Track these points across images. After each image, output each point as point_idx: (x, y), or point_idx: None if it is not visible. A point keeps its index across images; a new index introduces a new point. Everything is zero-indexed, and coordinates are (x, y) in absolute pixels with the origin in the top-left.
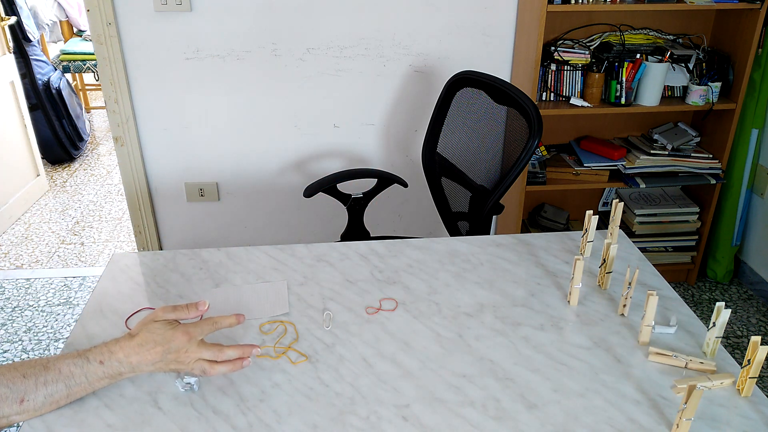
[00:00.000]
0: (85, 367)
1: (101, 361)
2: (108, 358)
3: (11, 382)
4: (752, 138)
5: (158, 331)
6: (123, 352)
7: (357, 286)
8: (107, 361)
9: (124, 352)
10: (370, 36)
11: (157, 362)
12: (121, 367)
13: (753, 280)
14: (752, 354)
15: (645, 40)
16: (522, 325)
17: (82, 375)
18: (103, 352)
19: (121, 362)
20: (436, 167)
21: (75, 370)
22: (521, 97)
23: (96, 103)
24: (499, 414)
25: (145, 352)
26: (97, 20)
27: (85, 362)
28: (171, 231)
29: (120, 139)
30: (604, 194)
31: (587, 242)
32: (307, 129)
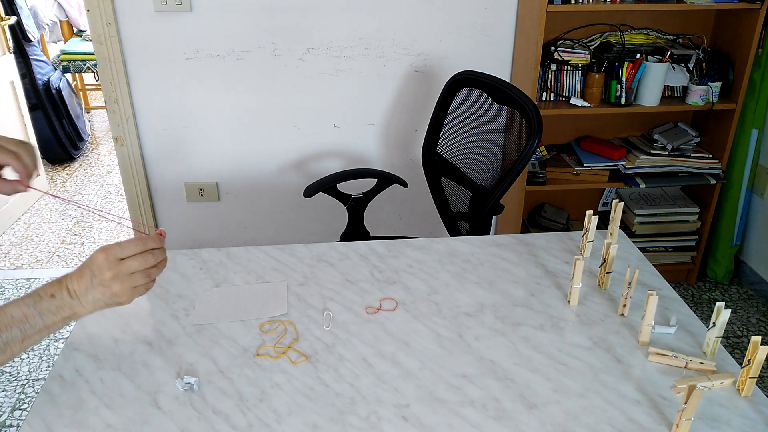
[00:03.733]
0: (38, 305)
1: (52, 294)
2: (57, 289)
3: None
4: (752, 138)
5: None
6: (69, 280)
7: (357, 286)
8: (57, 293)
9: (69, 279)
10: (370, 36)
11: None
12: (71, 299)
13: (753, 280)
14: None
15: (645, 40)
16: (522, 325)
17: (36, 315)
18: (54, 285)
19: (70, 292)
20: (436, 167)
21: (28, 311)
22: (521, 97)
23: (96, 103)
24: (499, 414)
25: (81, 279)
26: (97, 20)
27: (37, 300)
28: (171, 231)
29: (120, 139)
30: (604, 194)
31: (587, 242)
32: (307, 129)
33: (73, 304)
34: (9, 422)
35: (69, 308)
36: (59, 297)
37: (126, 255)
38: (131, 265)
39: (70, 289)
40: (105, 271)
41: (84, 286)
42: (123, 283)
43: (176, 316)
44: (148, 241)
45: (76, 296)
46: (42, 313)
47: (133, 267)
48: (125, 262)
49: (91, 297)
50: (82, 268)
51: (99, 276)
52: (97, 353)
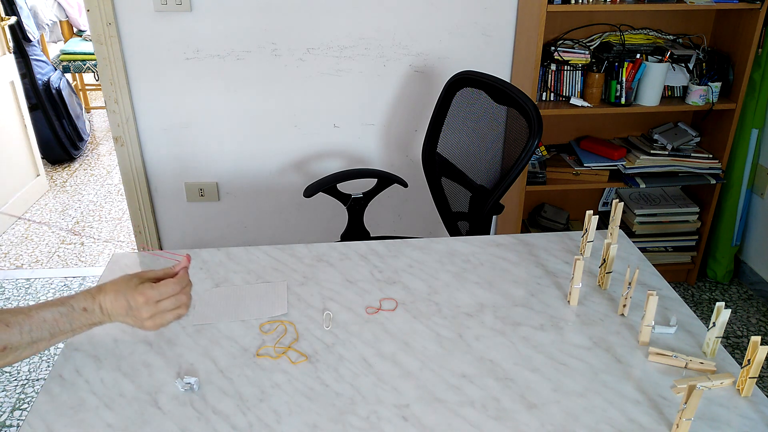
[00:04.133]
0: (70, 315)
1: (85, 308)
2: (91, 305)
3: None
4: (752, 138)
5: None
6: (104, 299)
7: (357, 286)
8: (91, 308)
9: (104, 299)
10: (370, 36)
11: (124, 316)
12: (102, 315)
13: (753, 280)
14: (752, 354)
15: (645, 40)
16: (522, 325)
17: (67, 323)
18: (87, 299)
19: (103, 309)
20: (436, 167)
21: (60, 318)
22: (521, 97)
23: (96, 103)
24: (499, 414)
25: (117, 303)
26: (97, 20)
27: (70, 310)
28: (171, 231)
29: (120, 139)
30: (604, 194)
31: (587, 242)
32: (307, 129)
33: (102, 319)
34: (9, 422)
35: (98, 320)
36: (91, 311)
37: (163, 297)
38: (166, 305)
39: (104, 307)
40: (143, 311)
41: (118, 311)
42: (154, 320)
43: None
44: (183, 280)
45: (108, 314)
46: (72, 321)
47: (168, 307)
48: (161, 303)
49: (121, 319)
50: (119, 293)
51: (136, 312)
52: (97, 353)
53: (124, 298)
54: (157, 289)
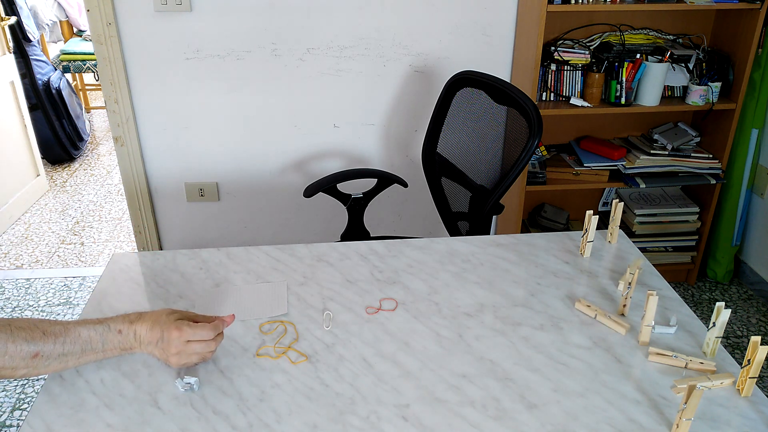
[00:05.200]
0: (105, 335)
1: (120, 330)
2: (127, 328)
3: (30, 336)
4: (752, 138)
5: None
6: (140, 326)
7: (357, 286)
8: (125, 331)
9: (140, 326)
10: (370, 36)
11: (154, 345)
12: (134, 341)
13: (753, 280)
14: (752, 354)
15: (645, 40)
16: (522, 325)
17: (100, 342)
18: (124, 322)
19: (136, 335)
20: (436, 167)
21: (95, 336)
22: (521, 97)
23: (96, 103)
24: (499, 414)
25: (151, 333)
26: (97, 20)
27: (106, 330)
28: (171, 231)
29: (120, 139)
30: (604, 194)
31: (587, 242)
32: (307, 129)
33: (133, 345)
34: (9, 422)
35: (128, 346)
36: (125, 335)
37: (196, 338)
38: (195, 348)
39: (138, 333)
40: (173, 347)
41: (149, 340)
42: (180, 357)
43: None
44: (218, 329)
45: (140, 341)
46: (105, 342)
47: (197, 350)
48: (191, 344)
49: (150, 349)
50: (155, 323)
51: (166, 346)
52: None
53: (159, 329)
54: (193, 329)
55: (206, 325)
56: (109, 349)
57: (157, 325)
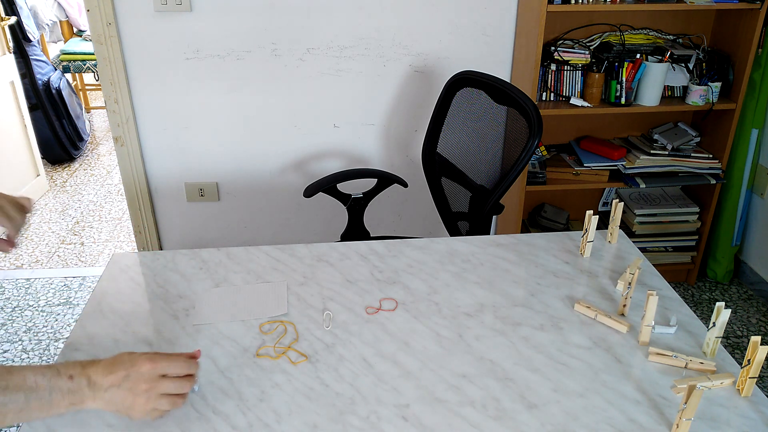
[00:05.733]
0: (53, 380)
1: (71, 376)
2: (79, 373)
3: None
4: (752, 138)
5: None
6: (94, 369)
7: (357, 286)
8: (77, 377)
9: (94, 369)
10: (370, 36)
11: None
12: (88, 390)
13: (753, 280)
14: (752, 354)
15: (645, 40)
16: (522, 325)
17: (47, 389)
18: (76, 367)
19: (90, 382)
20: (436, 167)
21: (41, 381)
22: (521, 97)
23: (96, 103)
24: (499, 414)
25: (110, 374)
26: (97, 20)
27: (55, 374)
28: (171, 231)
29: (120, 139)
30: (604, 194)
31: (587, 242)
32: (307, 129)
33: (86, 395)
34: None
35: (80, 396)
36: (77, 381)
37: (170, 373)
38: (168, 386)
39: (92, 379)
40: (142, 383)
41: (109, 382)
42: (148, 401)
43: (176, 316)
44: (192, 366)
45: (94, 388)
46: (52, 389)
47: (169, 390)
48: (163, 381)
49: (108, 396)
50: (115, 364)
51: (134, 382)
52: (97, 353)
53: (122, 367)
54: (168, 361)
55: (181, 356)
56: (55, 402)
57: (119, 365)
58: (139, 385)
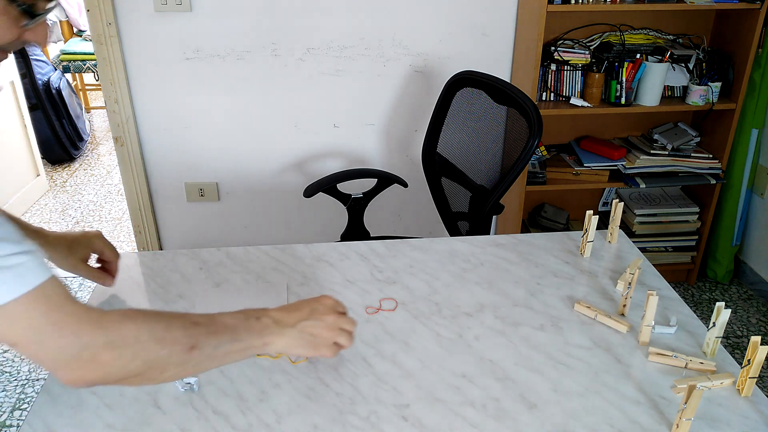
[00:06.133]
0: (247, 323)
1: (257, 317)
2: (262, 314)
3: (184, 327)
4: (752, 138)
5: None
6: (273, 312)
7: (357, 286)
8: (262, 317)
9: (274, 312)
10: (370, 36)
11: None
12: (274, 325)
13: (753, 280)
14: (752, 354)
15: (645, 40)
16: (522, 325)
17: (243, 329)
18: (257, 311)
19: (274, 318)
20: (436, 167)
21: (239, 324)
22: (521, 97)
23: (96, 103)
24: (499, 414)
25: (293, 311)
26: (97, 20)
27: (245, 317)
28: (171, 231)
29: (120, 139)
30: (604, 194)
31: (587, 242)
32: (307, 129)
33: (274, 332)
34: (9, 422)
35: (270, 333)
36: (264, 321)
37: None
38: (347, 319)
39: (275, 318)
40: (330, 313)
41: (296, 318)
42: (333, 333)
43: None
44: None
45: (281, 325)
46: (248, 329)
47: (348, 323)
48: (344, 318)
49: (297, 330)
50: (296, 304)
51: (322, 313)
52: None
53: (306, 304)
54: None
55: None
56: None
57: (301, 303)
58: (327, 315)
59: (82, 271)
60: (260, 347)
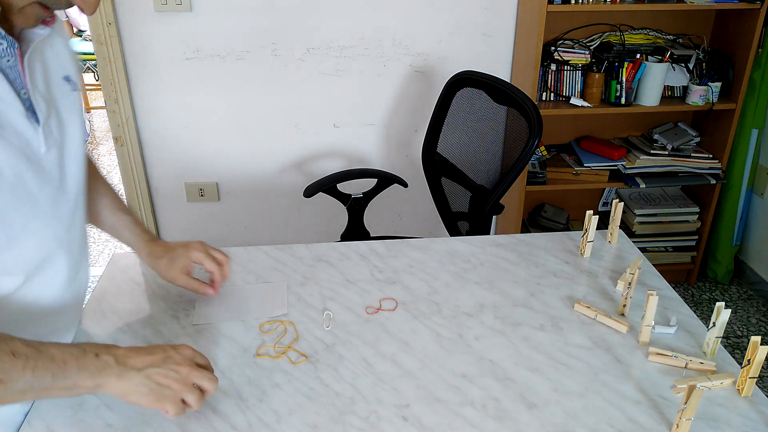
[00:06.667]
0: (80, 360)
1: (96, 354)
2: (104, 352)
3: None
4: (752, 138)
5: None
6: (121, 350)
7: (357, 286)
8: (102, 355)
9: (122, 351)
10: (370, 36)
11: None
12: (115, 366)
13: (753, 280)
14: (752, 354)
15: (645, 40)
16: (522, 325)
17: (74, 368)
18: (100, 347)
19: (117, 358)
20: (436, 167)
21: (69, 360)
22: (521, 97)
23: (96, 103)
24: (499, 414)
25: (145, 354)
26: (97, 20)
27: (81, 352)
28: (171, 231)
29: (120, 139)
30: (604, 194)
31: (587, 242)
32: (307, 129)
33: (112, 374)
34: None
35: (107, 375)
36: (103, 360)
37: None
38: (203, 375)
39: (121, 357)
40: (184, 365)
41: (146, 362)
42: (182, 385)
43: (176, 316)
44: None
45: (125, 369)
46: (80, 369)
47: (204, 379)
48: (200, 369)
49: (143, 377)
50: (151, 348)
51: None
52: None
53: (161, 349)
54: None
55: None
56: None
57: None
58: (181, 366)
59: (182, 282)
60: (92, 388)
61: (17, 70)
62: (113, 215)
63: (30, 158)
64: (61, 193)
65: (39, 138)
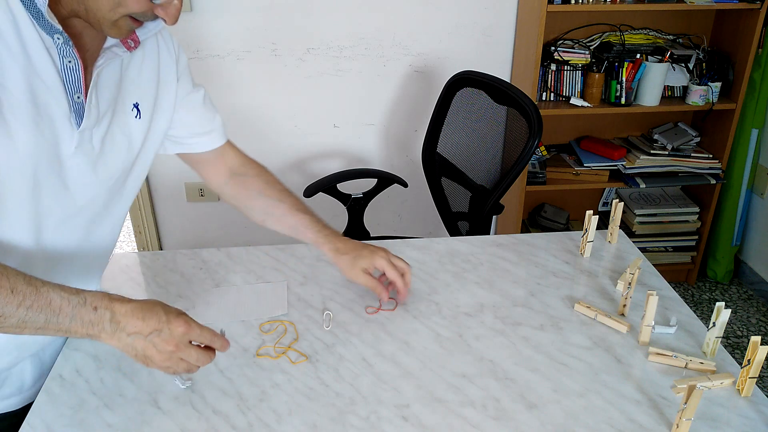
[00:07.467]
0: (77, 309)
1: (96, 307)
2: (105, 306)
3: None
4: (752, 138)
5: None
6: (121, 307)
7: (357, 286)
8: (101, 309)
9: (122, 308)
10: (370, 36)
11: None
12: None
13: (753, 280)
14: (752, 354)
15: (645, 40)
16: (522, 325)
17: (69, 316)
18: (104, 299)
19: (113, 318)
20: (436, 167)
21: (66, 307)
22: (521, 97)
23: None
24: (499, 414)
25: (137, 319)
26: None
27: (81, 302)
28: (171, 231)
29: None
30: (604, 194)
31: (587, 242)
32: (307, 129)
33: (104, 330)
34: None
35: (98, 329)
36: (100, 313)
37: (196, 341)
38: (191, 355)
39: (117, 316)
40: (171, 343)
41: (135, 328)
42: (168, 360)
43: None
44: (216, 340)
45: (117, 327)
46: (74, 317)
47: (191, 357)
48: (190, 348)
49: (131, 341)
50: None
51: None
52: (97, 353)
53: (156, 320)
54: (201, 330)
55: (211, 330)
56: (74, 329)
57: (153, 317)
58: (167, 344)
59: (363, 281)
60: (85, 335)
61: (78, 74)
62: (294, 217)
63: (54, 154)
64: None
65: (72, 140)
